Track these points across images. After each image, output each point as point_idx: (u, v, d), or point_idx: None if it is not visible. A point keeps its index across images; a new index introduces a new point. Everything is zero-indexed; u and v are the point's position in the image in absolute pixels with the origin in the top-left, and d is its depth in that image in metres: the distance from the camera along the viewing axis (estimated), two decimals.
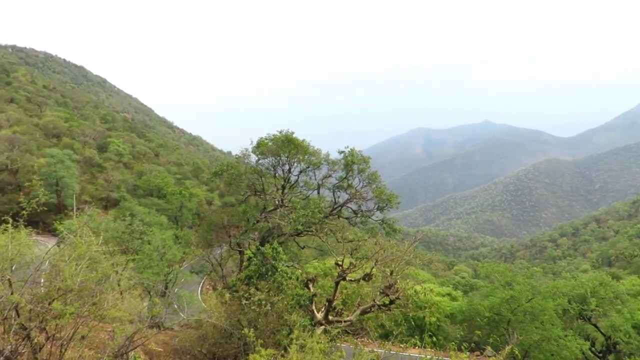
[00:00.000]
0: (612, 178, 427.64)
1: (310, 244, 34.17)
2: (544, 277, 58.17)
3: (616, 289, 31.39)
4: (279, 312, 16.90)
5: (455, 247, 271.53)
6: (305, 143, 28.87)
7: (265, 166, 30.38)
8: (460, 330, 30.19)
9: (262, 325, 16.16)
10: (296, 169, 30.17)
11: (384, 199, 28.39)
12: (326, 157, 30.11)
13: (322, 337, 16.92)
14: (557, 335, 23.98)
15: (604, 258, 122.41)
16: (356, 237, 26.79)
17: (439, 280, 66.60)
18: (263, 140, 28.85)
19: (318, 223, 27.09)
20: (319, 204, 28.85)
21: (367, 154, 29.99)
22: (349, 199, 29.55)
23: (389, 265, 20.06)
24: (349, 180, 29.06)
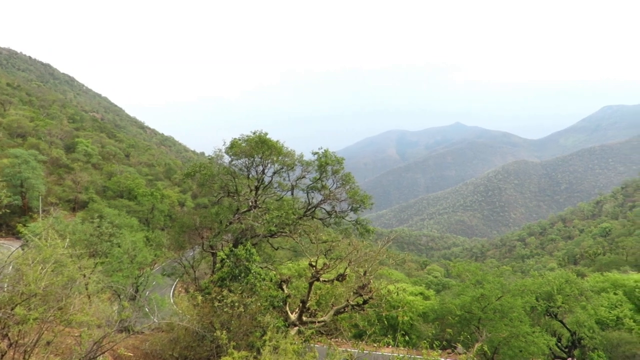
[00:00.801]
0: (577, 179, 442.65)
1: (284, 245, 34.11)
2: (513, 276, 59.67)
3: (581, 286, 32.47)
4: (253, 314, 16.81)
5: (428, 247, 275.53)
6: (279, 144, 28.76)
7: (238, 167, 30.10)
8: (432, 328, 30.68)
9: (235, 327, 16.04)
10: (270, 170, 30.01)
11: (358, 199, 28.55)
12: (300, 158, 30.07)
13: (296, 338, 16.91)
14: (525, 332, 24.62)
15: (569, 256, 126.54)
16: (330, 238, 26.87)
17: (412, 280, 67.47)
18: (236, 141, 28.60)
19: (292, 224, 27.03)
20: (293, 205, 28.79)
21: (342, 155, 30.10)
22: (322, 200, 29.60)
23: (362, 266, 20.23)
24: (323, 181, 29.10)
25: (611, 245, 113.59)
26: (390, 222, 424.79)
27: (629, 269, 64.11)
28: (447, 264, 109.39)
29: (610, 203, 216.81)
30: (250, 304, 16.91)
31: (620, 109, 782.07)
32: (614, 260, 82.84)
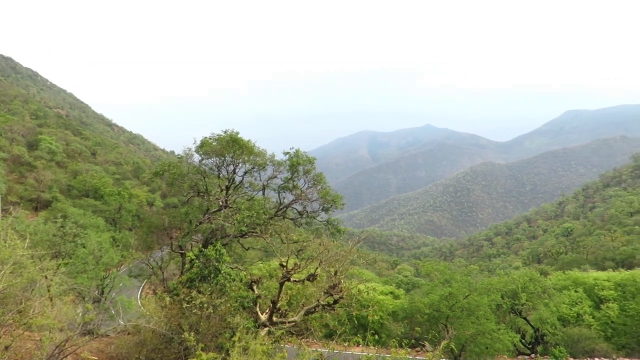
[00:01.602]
0: (541, 180, 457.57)
1: (255, 245, 33.87)
2: (480, 275, 61.10)
3: (544, 284, 33.54)
4: (222, 315, 16.61)
5: (398, 246, 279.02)
6: (251, 144, 28.55)
7: (209, 166, 29.71)
8: (401, 327, 31.07)
9: (204, 329, 15.82)
10: (241, 169, 29.74)
11: (329, 200, 28.66)
12: (271, 158, 29.93)
13: (266, 339, 16.83)
14: (491, 329, 25.18)
15: (534, 255, 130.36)
16: (301, 238, 26.85)
17: (382, 279, 68.13)
18: (207, 140, 28.22)
19: (263, 224, 26.87)
20: (264, 205, 28.63)
21: (314, 155, 30.13)
22: (294, 200, 29.55)
23: (333, 265, 20.30)
24: (294, 181, 29.07)
25: (572, 244, 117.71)
26: (362, 222, 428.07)
27: (589, 267, 66.68)
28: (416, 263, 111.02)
29: (572, 204, 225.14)
30: (219, 305, 16.70)
31: (582, 113, 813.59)
32: (575, 259, 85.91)
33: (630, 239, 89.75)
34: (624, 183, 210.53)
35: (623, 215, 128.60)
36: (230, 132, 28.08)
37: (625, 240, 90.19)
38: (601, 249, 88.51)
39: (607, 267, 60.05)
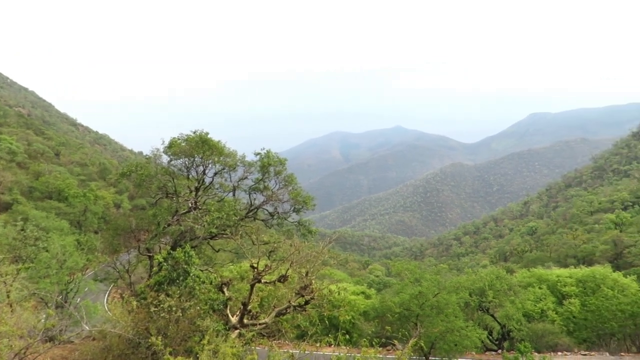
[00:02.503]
0: (507, 181, 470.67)
1: (225, 247, 33.45)
2: (449, 273, 62.21)
3: (510, 281, 34.42)
4: (191, 318, 16.37)
5: (370, 246, 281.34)
6: (221, 144, 28.22)
7: (178, 167, 29.18)
8: (372, 326, 31.33)
9: (173, 333, 15.56)
10: (211, 170, 29.34)
11: (300, 200, 28.62)
12: (242, 159, 29.65)
13: (237, 341, 16.68)
14: (460, 327, 25.67)
15: (500, 254, 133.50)
16: (272, 240, 26.70)
17: (354, 280, 68.52)
18: (175, 141, 27.71)
19: (233, 226, 26.56)
20: (234, 206, 28.30)
21: (285, 156, 30.04)
22: (265, 201, 29.37)
23: (304, 266, 20.31)
24: (265, 182, 28.88)
25: (537, 242, 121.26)
26: (334, 223, 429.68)
27: (552, 264, 68.74)
28: (387, 263, 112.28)
29: (536, 203, 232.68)
30: (188, 308, 16.45)
31: (545, 116, 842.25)
32: (539, 257, 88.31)
33: (590, 237, 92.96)
34: (584, 183, 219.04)
35: (584, 214, 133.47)
36: (200, 132, 27.69)
37: (585, 238, 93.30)
38: (563, 246, 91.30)
39: (569, 264, 62.05)
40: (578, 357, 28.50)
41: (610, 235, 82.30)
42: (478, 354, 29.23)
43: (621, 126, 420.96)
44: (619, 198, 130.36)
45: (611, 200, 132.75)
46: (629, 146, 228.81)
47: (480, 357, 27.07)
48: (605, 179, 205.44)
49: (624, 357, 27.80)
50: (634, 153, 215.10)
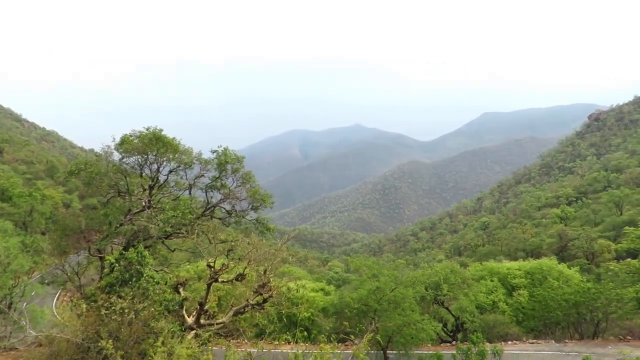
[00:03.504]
0: (461, 178, 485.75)
1: (181, 246, 32.69)
2: (406, 268, 63.45)
3: (463, 275, 35.54)
4: (145, 320, 15.91)
5: (329, 243, 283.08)
6: (176, 141, 27.50)
7: (130, 165, 28.20)
8: (330, 322, 31.54)
9: (125, 336, 15.07)
10: (165, 168, 28.56)
11: (258, 198, 28.38)
12: (198, 156, 29.05)
13: (193, 342, 16.37)
14: (416, 320, 26.24)
15: (455, 248, 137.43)
16: (230, 238, 26.32)
17: (314, 277, 68.64)
18: (127, 138, 26.74)
19: (189, 224, 25.99)
20: (190, 205, 27.70)
21: (244, 154, 29.74)
22: (222, 199, 28.91)
23: (262, 264, 20.18)
24: (223, 180, 28.43)
25: (489, 237, 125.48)
26: (294, 221, 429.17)
27: (503, 258, 71.37)
28: (346, 259, 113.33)
29: (488, 200, 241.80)
30: (142, 309, 15.97)
31: (497, 115, 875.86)
32: (491, 251, 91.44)
33: (538, 231, 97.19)
34: (532, 180, 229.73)
35: (532, 209, 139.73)
36: (154, 129, 26.87)
37: (534, 232, 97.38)
38: (513, 240, 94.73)
39: (518, 257, 64.48)
40: (526, 345, 29.78)
41: (556, 229, 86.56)
42: (433, 346, 29.96)
43: (567, 125, 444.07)
44: (564, 194, 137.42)
45: (557, 196, 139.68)
46: (573, 144, 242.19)
47: (436, 349, 27.77)
48: (551, 176, 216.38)
49: (568, 343, 29.31)
50: (577, 151, 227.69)
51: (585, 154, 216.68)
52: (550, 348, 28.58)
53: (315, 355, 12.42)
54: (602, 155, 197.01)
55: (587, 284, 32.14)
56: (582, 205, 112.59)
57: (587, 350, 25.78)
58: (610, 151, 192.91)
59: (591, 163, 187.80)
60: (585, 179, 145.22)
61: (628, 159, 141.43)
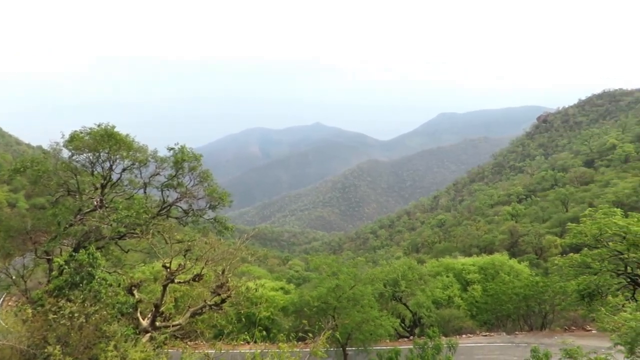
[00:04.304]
0: (419, 177, 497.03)
1: (136, 247, 31.65)
2: (366, 266, 64.33)
3: (420, 271, 36.44)
4: (96, 324, 15.31)
5: (290, 242, 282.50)
6: (129, 138, 26.55)
7: (81, 163, 26.99)
8: (289, 321, 31.51)
9: (75, 341, 14.44)
10: (119, 166, 27.53)
11: (216, 197, 27.86)
12: (154, 154, 28.18)
13: (148, 345, 15.93)
14: (375, 316, 26.62)
15: (413, 245, 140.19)
16: (187, 238, 25.75)
17: (274, 276, 68.38)
18: (77, 134, 25.55)
19: (144, 224, 25.17)
20: (145, 204, 26.82)
21: (203, 152, 29.14)
22: (179, 198, 28.19)
23: (220, 264, 19.88)
24: (179, 178, 27.72)
25: (445, 234, 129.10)
26: (253, 220, 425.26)
27: (458, 254, 73.56)
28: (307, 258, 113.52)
29: (444, 198, 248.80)
30: (93, 313, 15.36)
31: (453, 116, 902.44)
32: (447, 247, 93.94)
33: (491, 228, 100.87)
34: (486, 178, 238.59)
35: (485, 207, 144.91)
36: (105, 125, 25.84)
37: (487, 228, 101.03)
38: (468, 237, 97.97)
39: (472, 253, 66.75)
40: (480, 338, 30.89)
41: (507, 225, 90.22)
42: (391, 341, 30.53)
43: (517, 126, 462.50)
44: (514, 192, 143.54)
45: (508, 194, 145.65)
46: (523, 145, 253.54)
47: (394, 345, 28.30)
48: (503, 175, 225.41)
49: (518, 335, 30.65)
50: (527, 151, 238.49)
51: (534, 153, 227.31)
52: (501, 340, 29.78)
53: (274, 355, 12.38)
54: (549, 155, 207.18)
55: (535, 278, 33.67)
56: (532, 203, 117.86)
57: (536, 341, 27.04)
58: (556, 151, 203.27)
59: (539, 162, 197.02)
60: (534, 178, 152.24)
61: (573, 159, 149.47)
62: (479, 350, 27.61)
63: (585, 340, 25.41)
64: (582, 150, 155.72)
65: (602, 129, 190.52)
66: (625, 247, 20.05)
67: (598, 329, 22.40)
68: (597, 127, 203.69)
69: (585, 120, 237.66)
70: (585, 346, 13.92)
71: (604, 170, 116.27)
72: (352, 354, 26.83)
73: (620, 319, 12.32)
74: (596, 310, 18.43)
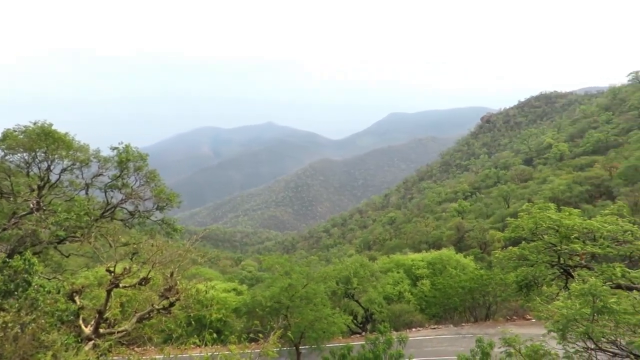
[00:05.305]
0: (370, 175, 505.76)
1: (78, 251, 30.10)
2: (319, 264, 64.79)
3: (372, 268, 37.13)
4: (34, 333, 14.42)
5: (242, 242, 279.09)
6: (69, 137, 25.15)
7: (15, 163, 25.29)
8: (241, 322, 31.17)
9: (10, 352, 13.52)
10: (58, 166, 26.02)
11: (164, 198, 26.96)
12: (96, 154, 26.83)
13: (91, 354, 15.24)
14: (327, 314, 26.84)
15: (365, 243, 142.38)
16: (133, 240, 24.77)
17: (226, 277, 67.42)
18: (10, 133, 23.87)
19: (86, 227, 23.96)
20: (87, 206, 25.51)
21: (152, 152, 28.10)
22: (123, 200, 27.01)
23: (169, 267, 19.31)
24: (124, 179, 26.57)
25: (396, 231, 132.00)
26: (205, 221, 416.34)
27: (409, 250, 75.61)
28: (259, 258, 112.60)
29: (395, 196, 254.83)
30: (30, 322, 14.45)
31: (403, 116, 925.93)
32: (397, 244, 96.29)
33: (438, 224, 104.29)
34: (434, 177, 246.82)
35: (433, 204, 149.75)
36: (42, 123, 24.33)
37: (435, 225, 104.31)
38: (417, 233, 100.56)
39: (421, 249, 68.52)
40: (429, 331, 31.89)
41: (454, 222, 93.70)
42: (344, 338, 30.88)
43: (463, 126, 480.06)
44: (461, 189, 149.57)
45: (455, 192, 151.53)
46: (468, 144, 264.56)
47: (346, 341, 28.65)
48: (450, 173, 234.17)
49: (464, 326, 31.91)
50: (472, 150, 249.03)
51: (478, 152, 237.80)
52: (449, 332, 30.89)
53: (222, 357, 12.20)
54: (492, 154, 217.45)
55: (480, 271, 35.16)
56: (476, 200, 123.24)
57: (481, 332, 28.26)
58: (499, 150, 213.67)
59: (483, 161, 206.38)
60: (479, 176, 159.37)
61: (513, 158, 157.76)
62: (428, 343, 28.50)
63: (525, 328, 26.89)
64: (522, 149, 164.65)
65: (539, 129, 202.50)
66: (558, 239, 21.31)
67: (535, 318, 23.73)
68: (535, 128, 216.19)
69: (524, 120, 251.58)
70: (524, 334, 14.68)
71: (542, 168, 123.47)
72: (306, 352, 26.93)
73: (553, 307, 13.08)
74: (532, 300, 19.49)
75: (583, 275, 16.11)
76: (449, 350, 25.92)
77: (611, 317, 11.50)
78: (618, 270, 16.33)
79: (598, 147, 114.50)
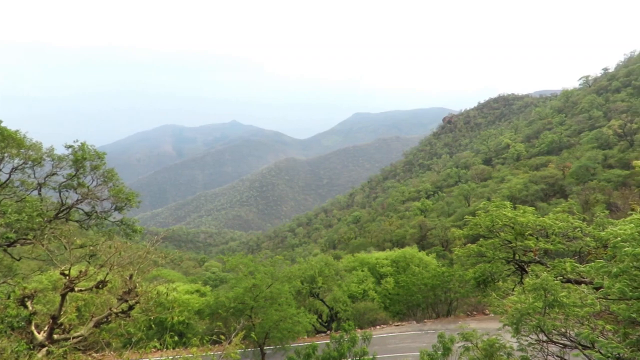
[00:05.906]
0: (335, 175, 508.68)
1: (30, 254, 28.67)
2: (284, 264, 64.38)
3: (337, 267, 37.34)
4: None
5: (206, 243, 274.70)
6: (20, 135, 23.90)
7: None
8: (204, 324, 30.64)
9: None
10: (7, 165, 24.66)
11: (123, 198, 26.03)
12: (50, 152, 25.59)
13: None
14: (292, 314, 26.78)
15: (330, 242, 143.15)
16: (89, 242, 23.82)
17: (189, 278, 66.08)
18: None
19: (38, 229, 22.84)
20: (39, 207, 24.32)
21: (111, 150, 27.15)
22: (79, 200, 25.90)
23: (128, 269, 18.70)
24: (80, 178, 25.47)
25: (360, 230, 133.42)
26: (167, 221, 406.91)
27: (373, 248, 76.46)
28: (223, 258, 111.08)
29: (360, 195, 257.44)
30: None
31: (367, 116, 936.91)
32: (362, 243, 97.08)
33: (402, 223, 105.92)
34: (398, 176, 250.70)
35: (397, 203, 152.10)
36: None
37: (399, 223, 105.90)
38: (382, 232, 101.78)
39: (386, 247, 69.46)
40: (392, 328, 32.37)
41: (417, 220, 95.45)
42: (309, 337, 30.92)
43: (426, 127, 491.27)
44: (423, 188, 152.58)
45: (418, 190, 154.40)
46: (431, 144, 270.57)
47: (311, 340, 28.69)
48: (413, 172, 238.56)
49: (427, 323, 32.57)
50: (434, 150, 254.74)
51: (440, 152, 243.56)
52: (412, 328, 31.46)
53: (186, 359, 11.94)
54: (453, 153, 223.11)
55: (442, 269, 36.03)
56: (438, 198, 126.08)
57: (442, 327, 28.94)
58: (460, 150, 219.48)
59: (445, 161, 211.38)
60: (441, 175, 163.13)
61: (474, 157, 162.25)
62: (392, 340, 28.90)
63: (485, 323, 27.74)
64: (482, 149, 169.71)
65: (498, 130, 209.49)
66: (514, 236, 22.11)
67: (492, 313, 24.49)
68: (494, 128, 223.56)
69: (484, 121, 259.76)
70: (482, 329, 15.14)
71: (500, 168, 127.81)
72: (270, 353, 26.77)
73: (508, 302, 13.52)
74: (489, 296, 20.11)
75: (536, 271, 16.78)
76: (412, 346, 26.38)
77: (561, 310, 12.00)
78: (568, 265, 17.04)
79: (552, 147, 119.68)
